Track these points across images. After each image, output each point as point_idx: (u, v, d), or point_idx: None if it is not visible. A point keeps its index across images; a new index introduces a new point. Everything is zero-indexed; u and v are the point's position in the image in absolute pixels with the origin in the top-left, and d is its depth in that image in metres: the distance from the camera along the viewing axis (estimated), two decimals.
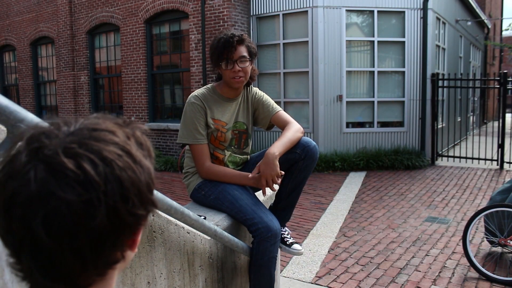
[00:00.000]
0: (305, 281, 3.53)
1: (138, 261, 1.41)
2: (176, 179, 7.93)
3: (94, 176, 0.47)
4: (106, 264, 0.52)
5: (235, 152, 2.22)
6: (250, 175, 2.04)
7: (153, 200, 0.53)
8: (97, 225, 0.47)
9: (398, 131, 8.77)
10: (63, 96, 11.63)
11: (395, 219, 5.17)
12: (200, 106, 2.09)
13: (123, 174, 0.49)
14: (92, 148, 0.49)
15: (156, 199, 0.55)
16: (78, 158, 0.48)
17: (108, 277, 0.54)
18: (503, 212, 3.56)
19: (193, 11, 8.94)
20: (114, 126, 0.53)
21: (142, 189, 0.50)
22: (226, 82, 2.13)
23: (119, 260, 0.53)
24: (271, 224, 1.96)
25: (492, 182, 7.20)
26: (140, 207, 0.50)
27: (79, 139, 0.49)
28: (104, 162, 0.48)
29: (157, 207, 0.56)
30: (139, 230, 0.54)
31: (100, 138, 0.50)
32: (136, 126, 0.57)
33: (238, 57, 2.06)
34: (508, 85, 8.44)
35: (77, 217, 0.46)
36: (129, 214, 0.49)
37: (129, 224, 0.50)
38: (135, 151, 0.52)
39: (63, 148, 0.48)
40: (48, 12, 11.95)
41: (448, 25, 10.52)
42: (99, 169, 0.48)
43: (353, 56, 8.75)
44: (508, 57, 24.21)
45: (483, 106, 10.86)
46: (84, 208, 0.47)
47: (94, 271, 0.51)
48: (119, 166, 0.49)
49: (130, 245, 0.54)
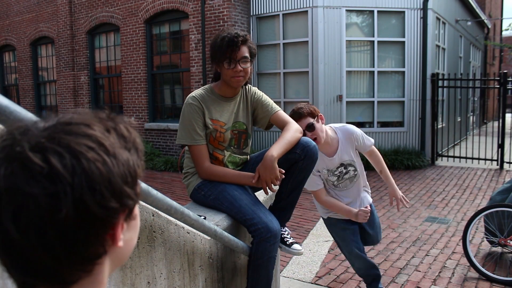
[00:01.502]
0: (305, 281, 3.53)
1: (138, 261, 1.41)
2: (176, 179, 7.93)
3: (60, 169, 0.46)
4: (86, 260, 0.51)
5: (235, 152, 2.21)
6: (251, 178, 2.03)
7: (129, 193, 0.52)
8: (63, 217, 0.46)
9: (398, 131, 8.77)
10: (63, 96, 11.64)
11: (395, 219, 5.17)
12: (198, 107, 2.09)
13: (91, 166, 0.48)
14: (61, 141, 0.48)
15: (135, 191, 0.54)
16: (45, 152, 0.47)
17: (95, 273, 0.53)
18: (503, 212, 3.56)
19: (193, 11, 8.94)
20: (92, 120, 0.53)
21: (114, 181, 0.49)
22: (225, 81, 2.12)
23: (100, 255, 0.52)
24: (271, 225, 1.96)
25: (492, 182, 7.20)
26: (111, 199, 0.49)
27: (50, 134, 0.49)
28: (72, 154, 0.48)
29: (135, 200, 0.53)
30: (116, 224, 0.52)
31: (72, 132, 0.50)
32: (121, 119, 0.56)
33: (241, 57, 2.05)
34: (508, 85, 8.44)
35: (43, 211, 0.46)
36: (98, 207, 0.48)
37: (100, 217, 0.49)
38: (111, 143, 0.51)
39: (34, 144, 0.48)
40: (48, 12, 11.95)
41: (448, 25, 10.52)
42: (65, 162, 0.47)
43: (353, 56, 8.75)
44: (508, 57, 24.20)
45: (483, 106, 10.86)
46: (50, 202, 0.46)
47: (75, 267, 0.50)
48: (88, 158, 0.48)
49: (111, 239, 0.52)
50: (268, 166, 1.94)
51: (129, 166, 0.52)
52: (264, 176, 1.95)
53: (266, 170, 1.95)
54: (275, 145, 2.00)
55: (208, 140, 2.13)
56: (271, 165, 1.94)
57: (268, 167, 1.94)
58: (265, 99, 2.26)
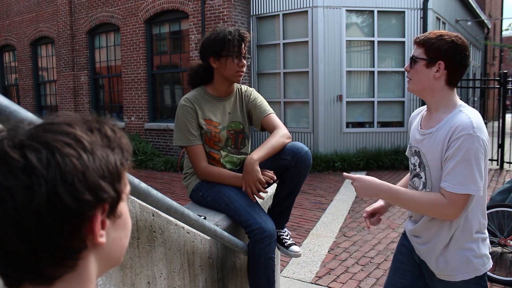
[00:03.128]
0: (305, 281, 3.53)
1: (138, 261, 1.41)
2: (176, 179, 7.93)
3: (35, 163, 0.49)
4: (66, 254, 0.52)
5: (232, 152, 2.21)
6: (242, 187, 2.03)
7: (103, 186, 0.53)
8: (36, 207, 0.48)
9: (398, 131, 8.77)
10: (63, 96, 11.63)
11: (395, 219, 5.17)
12: (191, 108, 2.10)
13: (65, 160, 0.50)
14: (40, 138, 0.51)
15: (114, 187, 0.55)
16: (24, 148, 0.50)
17: (80, 268, 0.54)
18: (503, 212, 3.56)
19: (193, 11, 8.94)
20: (75, 120, 0.55)
21: (88, 174, 0.51)
22: (226, 78, 2.11)
23: (80, 250, 0.53)
24: (265, 225, 1.96)
25: (492, 182, 7.20)
26: (85, 192, 0.50)
27: (32, 132, 0.52)
28: (48, 150, 0.50)
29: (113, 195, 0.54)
30: (93, 217, 0.53)
31: (52, 130, 0.52)
32: (107, 121, 0.58)
33: (244, 53, 2.09)
34: (508, 85, 8.43)
35: (19, 203, 0.48)
36: (71, 198, 0.49)
37: (74, 209, 0.50)
38: (90, 141, 0.53)
39: (17, 141, 0.51)
40: (48, 12, 11.95)
41: (448, 25, 10.52)
42: (40, 156, 0.49)
43: (353, 56, 8.75)
44: (508, 57, 24.20)
45: (483, 106, 10.84)
46: (25, 194, 0.48)
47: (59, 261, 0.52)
48: (63, 153, 0.50)
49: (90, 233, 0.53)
50: (248, 169, 1.93)
51: (108, 162, 0.54)
52: (246, 179, 1.94)
53: (247, 174, 1.94)
54: (257, 149, 1.99)
55: (204, 140, 2.13)
56: (251, 168, 1.93)
57: (248, 170, 1.93)
58: (259, 101, 2.25)
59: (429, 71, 1.55)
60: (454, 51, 1.52)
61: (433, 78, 1.55)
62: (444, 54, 1.52)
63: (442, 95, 1.58)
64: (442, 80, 1.56)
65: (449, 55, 1.52)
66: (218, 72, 2.12)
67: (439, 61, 1.53)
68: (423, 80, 1.58)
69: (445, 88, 1.57)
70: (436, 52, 1.53)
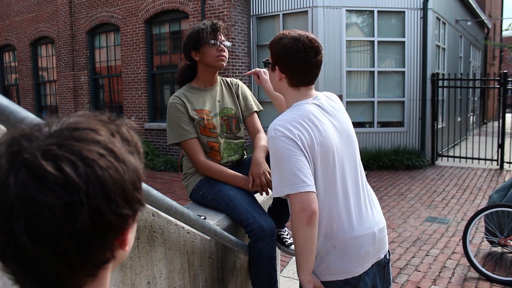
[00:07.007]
0: None
1: (138, 261, 1.41)
2: (176, 179, 7.93)
3: (74, 178, 0.46)
4: (95, 265, 0.51)
5: (229, 138, 2.24)
6: (246, 181, 2.06)
7: (139, 198, 0.52)
8: (80, 227, 0.46)
9: (398, 131, 8.77)
10: (63, 96, 11.64)
11: (395, 219, 5.17)
12: (179, 103, 2.14)
13: (105, 174, 0.47)
14: (72, 148, 0.48)
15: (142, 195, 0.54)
16: (57, 160, 0.46)
17: (99, 277, 0.53)
18: (503, 212, 3.57)
19: (193, 11, 8.94)
20: (97, 124, 0.52)
21: (126, 187, 0.49)
22: (208, 65, 2.15)
23: (109, 260, 0.52)
24: (265, 224, 1.96)
25: (492, 182, 7.20)
26: (125, 207, 0.49)
27: (59, 140, 0.48)
28: (85, 162, 0.47)
29: (144, 204, 0.54)
30: (127, 229, 0.52)
31: (81, 138, 0.49)
32: (122, 122, 0.56)
33: (222, 40, 2.15)
34: (508, 85, 8.43)
35: (59, 221, 0.46)
36: (113, 214, 0.48)
37: (114, 224, 0.49)
38: (119, 148, 0.51)
39: (43, 151, 0.47)
40: (48, 12, 11.95)
41: (448, 25, 10.52)
42: (79, 170, 0.46)
43: (353, 56, 8.75)
44: (508, 57, 24.20)
45: (483, 106, 10.86)
46: (66, 211, 0.46)
47: (84, 272, 0.50)
48: (101, 166, 0.48)
49: (120, 244, 0.52)
50: (258, 162, 2.02)
51: (136, 171, 0.52)
52: (253, 172, 2.01)
53: (255, 166, 2.01)
54: (257, 151, 2.10)
55: (199, 131, 2.14)
56: (260, 161, 2.02)
57: (257, 163, 2.02)
58: (249, 94, 2.36)
59: (274, 75, 1.61)
60: (286, 55, 1.53)
61: (278, 81, 1.60)
62: (278, 59, 1.56)
63: (288, 97, 1.61)
64: (285, 82, 1.59)
65: (282, 59, 1.55)
66: (201, 63, 2.17)
67: (276, 65, 1.58)
68: (273, 83, 1.65)
69: (289, 90, 1.60)
70: (273, 57, 1.59)
